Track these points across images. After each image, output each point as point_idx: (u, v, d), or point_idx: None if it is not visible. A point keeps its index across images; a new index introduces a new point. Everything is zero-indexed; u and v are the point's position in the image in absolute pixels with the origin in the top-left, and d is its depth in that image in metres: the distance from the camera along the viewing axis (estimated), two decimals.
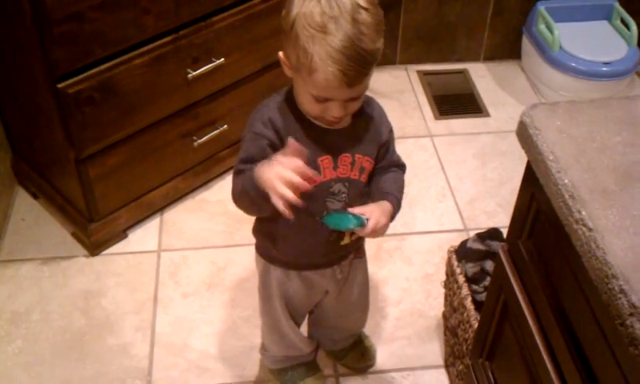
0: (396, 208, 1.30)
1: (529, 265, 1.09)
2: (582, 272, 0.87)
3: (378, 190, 1.30)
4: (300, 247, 1.32)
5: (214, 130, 2.08)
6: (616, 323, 0.79)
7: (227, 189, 2.20)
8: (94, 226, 1.95)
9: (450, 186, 2.26)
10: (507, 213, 2.12)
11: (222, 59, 1.94)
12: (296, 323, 1.55)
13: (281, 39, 1.16)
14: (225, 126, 2.10)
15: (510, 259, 1.17)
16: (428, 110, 2.59)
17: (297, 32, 1.09)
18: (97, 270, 1.95)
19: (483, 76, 2.78)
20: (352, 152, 1.25)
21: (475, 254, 1.57)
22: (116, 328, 1.81)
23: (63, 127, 1.73)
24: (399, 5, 2.62)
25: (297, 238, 1.31)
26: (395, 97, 2.63)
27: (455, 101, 2.65)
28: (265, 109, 1.23)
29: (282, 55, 1.18)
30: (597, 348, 0.89)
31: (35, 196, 2.15)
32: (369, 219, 1.22)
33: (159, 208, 2.11)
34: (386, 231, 1.27)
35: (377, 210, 1.24)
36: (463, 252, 1.60)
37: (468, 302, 1.50)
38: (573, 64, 2.44)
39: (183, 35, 1.84)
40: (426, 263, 2.01)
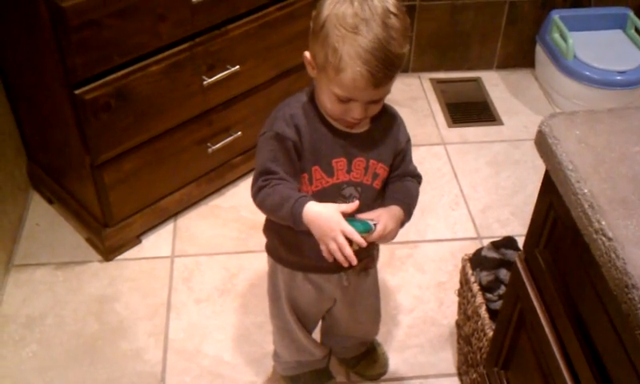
0: (407, 215, 1.30)
1: (546, 274, 1.09)
2: (601, 282, 0.87)
3: (391, 197, 1.31)
4: (307, 248, 1.32)
5: (229, 137, 2.09)
6: (636, 333, 0.79)
7: (240, 195, 2.24)
8: (109, 232, 1.96)
9: (463, 194, 2.26)
10: (521, 221, 2.14)
11: (237, 67, 1.95)
12: (307, 330, 1.55)
13: (308, 39, 1.18)
14: (239, 133, 2.11)
15: (527, 268, 1.16)
16: (441, 118, 2.59)
17: (327, 31, 1.11)
18: (111, 275, 1.96)
19: (496, 84, 2.77)
20: (367, 157, 1.26)
21: (490, 263, 1.57)
22: (129, 333, 1.82)
23: (79, 133, 1.75)
24: (413, 13, 2.63)
25: (304, 239, 1.31)
26: (408, 104, 2.64)
27: (468, 109, 2.65)
28: (287, 107, 1.25)
29: (308, 55, 1.20)
30: (615, 358, 0.89)
31: (50, 201, 2.16)
32: (377, 224, 1.22)
33: (173, 214, 2.12)
34: (395, 237, 1.27)
35: (385, 215, 1.24)
36: (477, 260, 1.60)
37: (482, 311, 1.50)
38: (587, 73, 2.44)
39: (199, 43, 1.85)
40: (439, 271, 2.00)
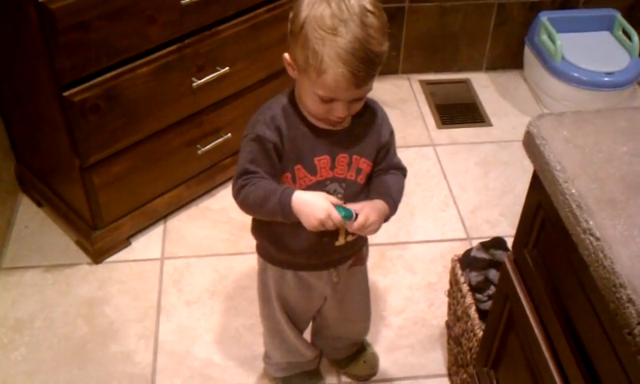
0: (392, 209, 1.30)
1: (535, 274, 1.10)
2: (589, 281, 0.87)
3: (376, 191, 1.31)
4: (295, 246, 1.33)
5: (218, 139, 2.09)
6: (624, 332, 0.79)
7: (230, 197, 2.21)
8: (98, 234, 1.96)
9: (453, 195, 2.27)
10: (510, 222, 2.15)
11: (227, 68, 1.95)
12: (298, 330, 1.55)
13: (287, 41, 1.18)
14: (229, 135, 2.10)
15: (516, 268, 1.17)
16: (430, 120, 2.60)
17: (306, 34, 1.12)
18: (100, 278, 1.95)
19: (485, 86, 2.79)
20: (349, 153, 1.27)
21: (479, 263, 1.57)
22: (119, 336, 1.81)
23: (68, 135, 1.74)
24: (402, 14, 2.64)
25: (292, 237, 1.32)
26: (398, 106, 2.64)
27: (457, 110, 2.66)
28: (268, 110, 1.25)
29: (288, 57, 1.20)
30: (604, 357, 0.89)
31: (39, 204, 2.15)
32: (358, 214, 1.22)
33: (163, 216, 2.12)
34: (378, 230, 1.27)
35: (367, 207, 1.24)
36: (467, 261, 1.60)
37: (472, 311, 1.51)
38: (575, 74, 2.46)
39: (188, 44, 1.85)
40: (429, 272, 2.01)
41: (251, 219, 1.38)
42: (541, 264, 1.09)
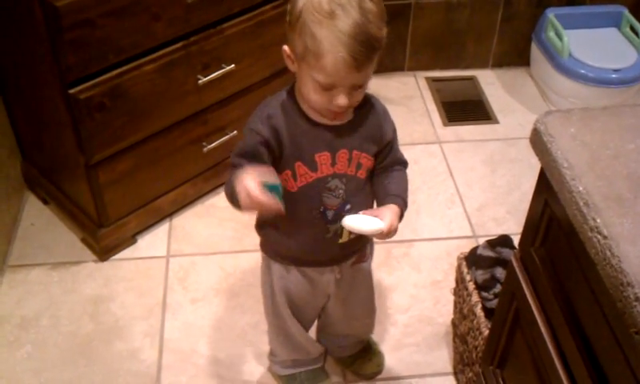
0: (403, 209, 1.30)
1: (541, 272, 1.09)
2: (597, 280, 0.87)
3: (385, 191, 1.31)
4: (298, 242, 1.33)
5: (224, 136, 2.09)
6: (631, 331, 0.79)
7: None
8: (104, 232, 1.96)
9: (459, 193, 2.26)
10: (516, 220, 2.14)
11: (233, 65, 1.95)
12: (303, 328, 1.55)
13: (286, 33, 1.18)
14: (234, 132, 2.10)
15: (523, 266, 1.16)
16: (437, 117, 2.59)
17: (304, 20, 1.12)
18: (106, 276, 1.96)
19: (492, 83, 2.77)
20: (349, 148, 1.26)
21: (485, 261, 1.57)
22: (125, 333, 1.81)
23: (74, 133, 1.74)
24: (408, 11, 2.63)
25: (295, 233, 1.32)
26: (404, 103, 2.63)
27: (464, 107, 2.65)
28: (265, 107, 1.25)
29: (287, 48, 1.20)
30: (611, 356, 0.89)
31: (45, 201, 2.16)
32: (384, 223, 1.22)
33: (168, 213, 2.12)
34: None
35: (389, 214, 1.24)
36: (473, 259, 1.60)
37: (478, 309, 1.50)
38: (582, 71, 2.44)
39: (194, 42, 1.84)
40: (435, 270, 2.00)
41: (256, 215, 1.38)
42: (547, 262, 1.08)
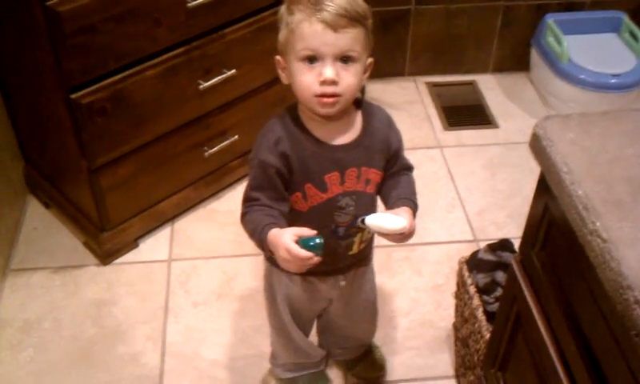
0: (415, 211, 1.31)
1: (542, 276, 1.10)
2: (596, 283, 0.87)
3: (396, 195, 1.31)
4: None
5: (225, 141, 2.09)
6: (631, 334, 0.79)
7: (237, 199, 2.20)
8: (106, 236, 1.96)
9: (460, 197, 2.27)
10: (517, 224, 2.15)
11: (234, 71, 1.96)
12: (303, 332, 1.55)
13: (278, 43, 1.20)
14: (236, 137, 2.11)
15: (523, 270, 1.17)
16: (437, 121, 2.60)
17: (282, 12, 1.17)
18: (108, 279, 1.96)
19: (492, 87, 2.78)
20: (358, 165, 1.26)
21: (486, 265, 1.57)
22: (127, 337, 1.82)
23: (76, 137, 1.75)
24: (408, 17, 2.64)
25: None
26: (404, 108, 2.64)
27: (464, 112, 2.66)
28: (271, 133, 1.24)
29: (279, 57, 1.21)
30: (611, 359, 0.89)
31: (47, 205, 2.17)
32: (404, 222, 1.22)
33: (170, 217, 2.12)
34: None
35: (406, 214, 1.24)
36: (474, 263, 1.60)
37: (479, 313, 1.51)
38: (582, 76, 2.45)
39: (195, 47, 1.85)
40: (436, 274, 2.01)
41: None
42: (548, 266, 1.09)
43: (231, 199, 2.21)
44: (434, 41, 2.73)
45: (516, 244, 1.35)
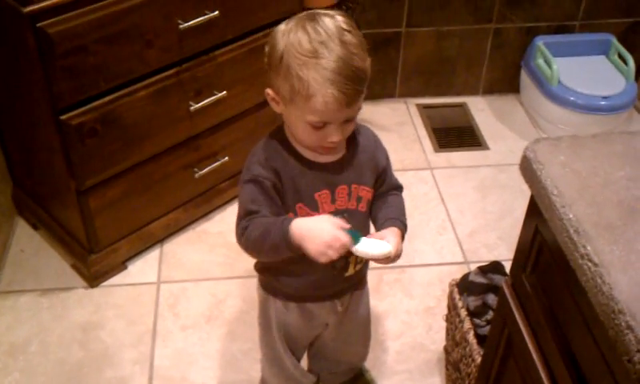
0: (404, 232, 1.31)
1: (532, 299, 1.09)
2: (588, 307, 0.87)
3: (384, 216, 1.31)
4: (304, 281, 1.32)
5: (215, 162, 2.09)
6: (623, 359, 0.78)
7: (228, 220, 2.23)
8: (94, 258, 1.95)
9: (451, 219, 2.26)
10: (508, 246, 2.15)
11: (224, 92, 1.96)
12: (296, 357, 1.54)
13: (267, 75, 1.18)
14: (226, 158, 2.10)
15: (514, 293, 1.16)
16: (428, 143, 2.60)
17: (287, 62, 1.12)
18: (96, 302, 1.94)
19: (482, 109, 2.79)
20: (348, 183, 1.26)
21: (477, 288, 1.57)
22: (115, 360, 1.79)
23: (65, 159, 1.74)
24: (399, 39, 2.65)
25: (300, 272, 1.31)
26: (395, 129, 2.65)
27: (454, 134, 2.66)
28: (260, 151, 1.24)
29: (271, 91, 1.19)
30: (603, 383, 0.88)
31: (35, 227, 2.15)
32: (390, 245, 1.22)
33: (159, 239, 2.11)
34: None
35: (393, 237, 1.24)
36: (465, 285, 1.60)
37: (470, 336, 1.50)
38: (572, 98, 2.47)
39: (186, 68, 1.85)
40: (427, 296, 2.00)
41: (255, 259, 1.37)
42: (539, 289, 1.08)
43: (221, 221, 2.20)
44: (425, 63, 2.75)
45: (507, 266, 1.34)
